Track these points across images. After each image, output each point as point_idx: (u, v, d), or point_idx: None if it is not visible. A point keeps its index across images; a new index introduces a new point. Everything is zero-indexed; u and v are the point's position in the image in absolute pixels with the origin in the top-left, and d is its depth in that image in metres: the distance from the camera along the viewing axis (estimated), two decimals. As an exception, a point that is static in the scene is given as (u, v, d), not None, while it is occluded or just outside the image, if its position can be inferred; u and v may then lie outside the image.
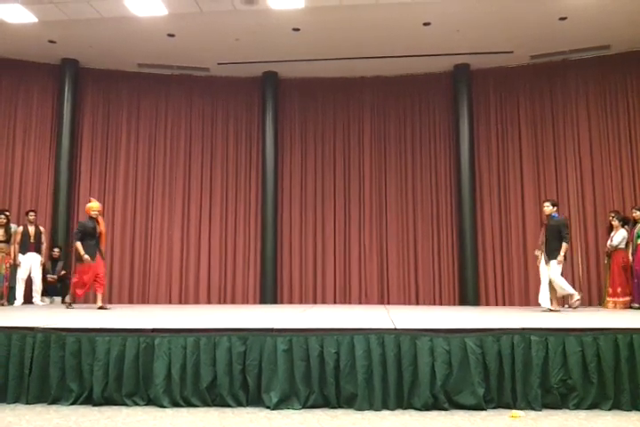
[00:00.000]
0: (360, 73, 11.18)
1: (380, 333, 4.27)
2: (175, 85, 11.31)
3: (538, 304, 7.52)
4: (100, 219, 7.70)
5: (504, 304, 10.20)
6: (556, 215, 7.51)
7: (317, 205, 11.13)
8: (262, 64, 10.79)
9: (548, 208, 7.51)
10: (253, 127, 11.36)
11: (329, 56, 10.35)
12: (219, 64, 10.83)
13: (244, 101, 11.41)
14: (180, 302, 10.66)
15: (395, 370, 4.17)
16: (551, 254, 7.35)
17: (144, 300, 10.67)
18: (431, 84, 11.16)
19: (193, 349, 4.27)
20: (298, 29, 9.40)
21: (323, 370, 4.19)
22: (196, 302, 10.74)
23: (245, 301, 10.82)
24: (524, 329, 4.35)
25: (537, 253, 7.59)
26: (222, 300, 10.78)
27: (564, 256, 7.36)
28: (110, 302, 10.42)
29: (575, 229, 9.99)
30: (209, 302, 10.77)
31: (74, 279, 7.63)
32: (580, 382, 4.15)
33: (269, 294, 10.69)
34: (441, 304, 10.36)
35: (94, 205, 7.75)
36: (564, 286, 7.40)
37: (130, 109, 11.19)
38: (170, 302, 10.65)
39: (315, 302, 10.71)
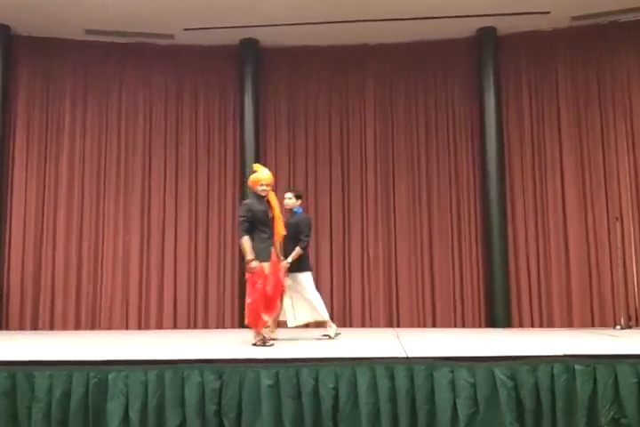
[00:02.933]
0: (362, 39, 11.13)
1: (389, 362, 4.32)
2: (131, 57, 11.25)
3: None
4: (273, 197, 6.24)
5: (541, 326, 10.24)
6: (300, 210, 7.35)
7: (309, 203, 10.95)
8: (240, 30, 10.69)
9: (290, 201, 7.27)
10: (229, 107, 11.30)
11: (323, 19, 10.23)
12: (185, 30, 10.76)
13: (217, 75, 11.35)
14: (140, 328, 10.59)
15: (407, 409, 4.21)
16: (291, 264, 7.11)
17: (94, 325, 10.61)
18: (449, 53, 11.14)
19: (156, 385, 4.27)
20: (283, -14, 9.39)
21: (318, 410, 4.22)
22: (159, 326, 10.69)
23: (221, 324, 10.78)
24: (566, 356, 4.42)
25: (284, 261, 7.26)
26: (192, 323, 10.73)
27: (296, 262, 7.09)
28: (52, 328, 10.39)
29: (629, 228, 10.00)
30: (175, 326, 10.72)
31: (249, 298, 5.98)
32: (637, 421, 4.17)
33: (251, 316, 10.65)
34: (463, 326, 10.38)
35: (263, 176, 6.16)
36: (320, 308, 7.20)
37: (75, 86, 11.10)
38: (127, 328, 10.59)
39: (307, 325, 10.20)
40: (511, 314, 10.37)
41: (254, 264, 5.95)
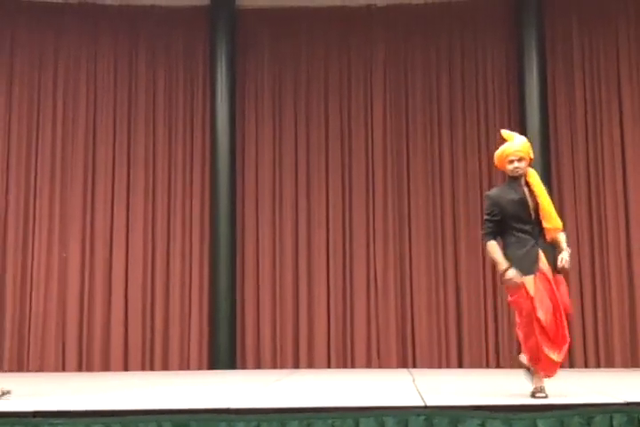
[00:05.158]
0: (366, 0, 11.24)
1: (402, 413, 4.41)
2: (72, 19, 11.25)
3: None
4: (534, 176, 5.61)
5: (598, 366, 10.21)
6: None
7: (300, 203, 10.97)
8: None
9: None
10: (197, 82, 11.32)
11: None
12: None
13: (181, 43, 11.36)
14: (80, 369, 10.47)
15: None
16: None
17: (20, 365, 10.45)
18: (479, 14, 11.15)
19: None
20: None
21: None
22: (105, 367, 10.53)
23: (185, 365, 10.64)
24: (629, 404, 4.49)
25: None
26: (148, 364, 10.59)
27: None
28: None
29: None
30: (126, 367, 10.57)
31: (520, 331, 5.51)
32: None
33: (223, 354, 10.56)
34: (498, 367, 10.21)
35: (511, 147, 5.59)
36: None
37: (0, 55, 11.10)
38: (64, 369, 10.48)
39: (296, 365, 10.58)
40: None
41: (511, 274, 5.34)
